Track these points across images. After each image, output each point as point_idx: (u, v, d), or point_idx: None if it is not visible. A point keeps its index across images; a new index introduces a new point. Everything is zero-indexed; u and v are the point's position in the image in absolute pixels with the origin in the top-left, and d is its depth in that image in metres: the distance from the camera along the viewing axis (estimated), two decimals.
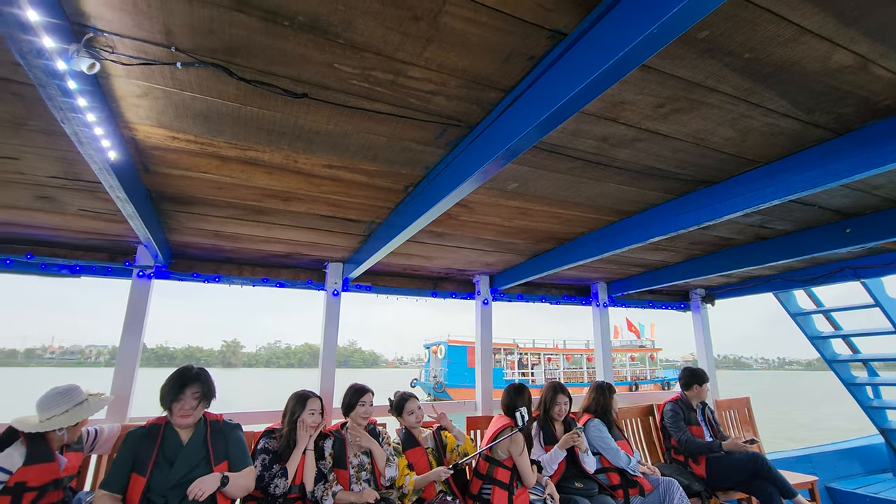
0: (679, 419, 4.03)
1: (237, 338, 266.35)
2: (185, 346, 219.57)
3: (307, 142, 1.99)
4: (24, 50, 1.16)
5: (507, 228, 3.19)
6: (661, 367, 37.72)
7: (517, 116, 1.53)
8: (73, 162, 2.21)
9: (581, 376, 31.58)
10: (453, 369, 28.87)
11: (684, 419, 4.03)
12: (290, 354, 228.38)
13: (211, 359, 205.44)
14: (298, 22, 1.30)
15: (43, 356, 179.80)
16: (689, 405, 4.14)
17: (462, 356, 29.39)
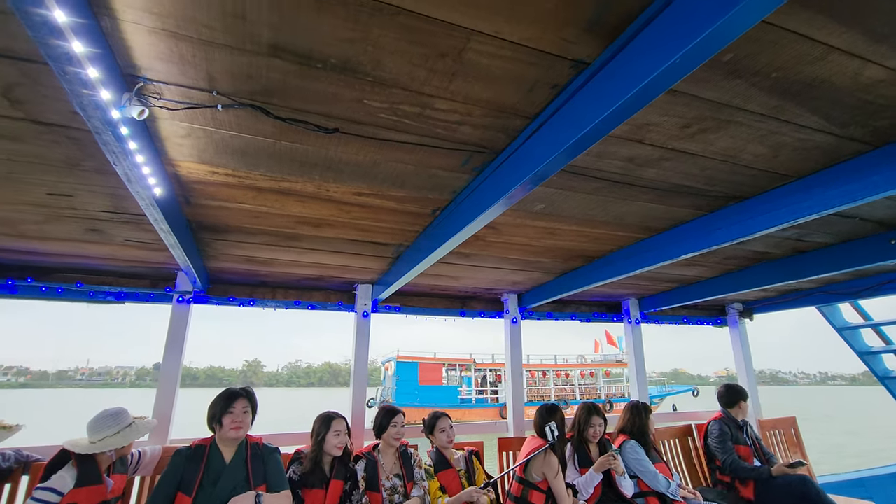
0: (727, 439, 3.84)
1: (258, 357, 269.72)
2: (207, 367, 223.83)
3: (338, 172, 2.06)
4: (84, 103, 1.26)
5: (534, 248, 3.19)
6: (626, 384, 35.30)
7: (543, 142, 1.55)
8: (121, 197, 2.35)
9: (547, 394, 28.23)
10: (402, 387, 25.83)
11: (731, 439, 3.86)
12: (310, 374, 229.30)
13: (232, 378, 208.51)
14: (330, 64, 1.37)
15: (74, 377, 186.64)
16: (736, 423, 3.97)
17: (412, 373, 26.36)
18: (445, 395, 25.54)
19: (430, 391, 25.45)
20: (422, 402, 24.46)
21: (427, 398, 24.62)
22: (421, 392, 25.30)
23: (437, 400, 24.22)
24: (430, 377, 26.09)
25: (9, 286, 3.39)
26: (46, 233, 2.83)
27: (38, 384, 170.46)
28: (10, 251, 3.18)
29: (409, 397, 25.35)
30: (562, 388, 28.61)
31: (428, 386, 25.77)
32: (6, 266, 3.42)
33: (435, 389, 25.56)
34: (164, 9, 1.18)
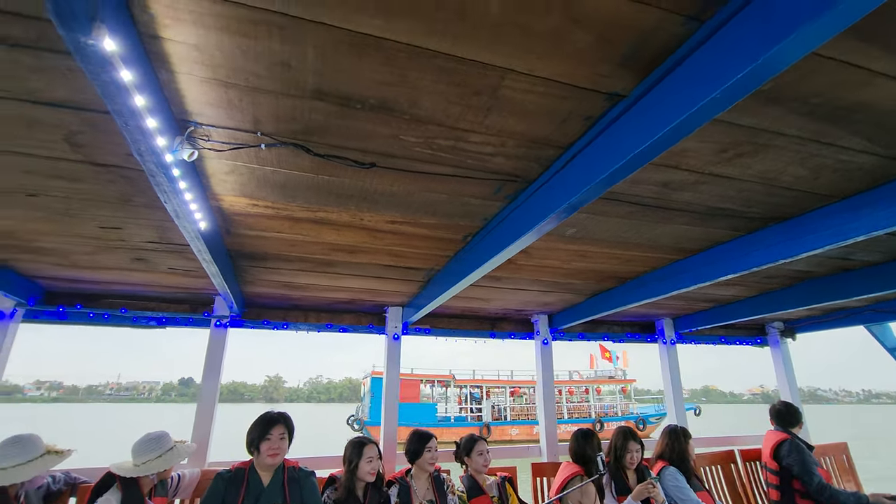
0: (809, 460, 3.50)
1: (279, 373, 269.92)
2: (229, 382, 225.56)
3: (372, 202, 2.11)
4: (141, 150, 1.35)
5: (565, 270, 3.17)
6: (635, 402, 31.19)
7: (578, 172, 1.56)
8: (166, 228, 2.46)
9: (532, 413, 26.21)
10: (377, 404, 23.80)
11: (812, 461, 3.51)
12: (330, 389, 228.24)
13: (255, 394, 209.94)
14: (369, 104, 1.43)
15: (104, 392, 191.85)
16: (807, 444, 3.66)
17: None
18: (423, 412, 23.63)
19: (406, 409, 23.49)
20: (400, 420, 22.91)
21: (403, 416, 22.91)
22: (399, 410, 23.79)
23: (413, 418, 22.42)
24: (406, 394, 23.70)
25: (60, 312, 3.57)
26: (96, 262, 2.98)
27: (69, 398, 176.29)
28: (61, 279, 3.35)
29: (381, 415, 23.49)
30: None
31: (404, 403, 23.67)
32: (57, 293, 3.60)
33: (411, 407, 23.55)
34: (216, 60, 1.26)
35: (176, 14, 1.10)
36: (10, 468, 2.24)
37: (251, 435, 2.62)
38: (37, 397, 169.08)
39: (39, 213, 2.26)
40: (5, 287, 3.08)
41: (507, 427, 23.66)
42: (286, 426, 2.68)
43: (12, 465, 2.25)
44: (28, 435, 2.44)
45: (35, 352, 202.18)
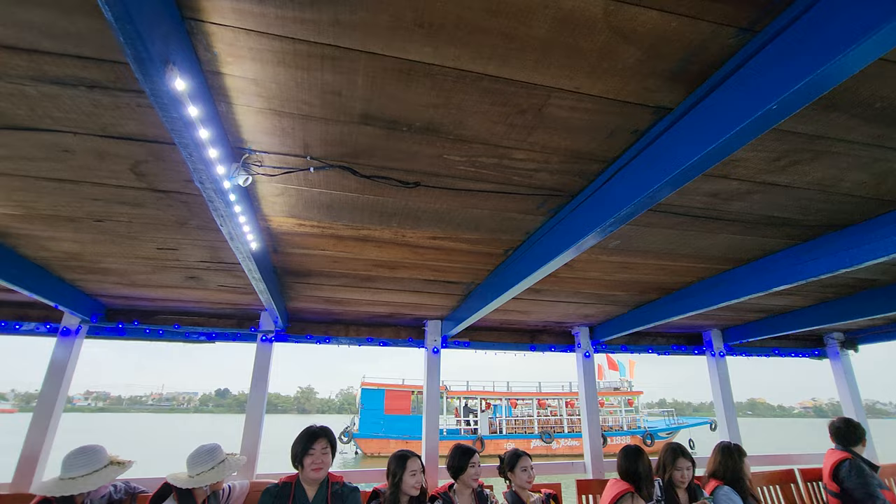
0: (872, 482, 3.28)
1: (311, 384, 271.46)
2: None
3: (415, 219, 2.14)
4: (202, 178, 1.42)
5: (607, 282, 3.11)
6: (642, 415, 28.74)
7: (624, 186, 1.54)
8: (218, 249, 2.57)
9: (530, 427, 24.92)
10: (367, 417, 23.42)
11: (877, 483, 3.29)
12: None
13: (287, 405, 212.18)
14: (415, 127, 1.46)
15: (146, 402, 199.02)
16: (871, 464, 3.44)
17: (377, 401, 23.81)
18: (413, 425, 22.66)
19: (396, 421, 22.93)
20: (387, 433, 22.21)
21: (393, 429, 22.37)
22: (386, 422, 22.78)
23: (403, 431, 22.11)
24: (396, 406, 23.52)
25: (119, 329, 3.77)
26: (152, 281, 3.14)
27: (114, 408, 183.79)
28: (120, 297, 3.55)
29: (373, 427, 22.98)
30: (546, 419, 25.28)
31: (394, 415, 23.18)
32: (117, 311, 3.81)
33: (402, 419, 23.00)
34: (271, 92, 1.32)
35: (237, 52, 1.17)
36: (80, 478, 2.37)
37: (294, 449, 2.67)
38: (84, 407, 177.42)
39: (104, 237, 2.41)
40: (72, 305, 3.28)
41: (502, 441, 22.62)
42: (328, 440, 2.70)
43: (81, 475, 2.38)
44: (94, 446, 2.57)
45: (87, 364, 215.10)
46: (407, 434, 21.75)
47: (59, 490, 2.30)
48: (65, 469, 2.42)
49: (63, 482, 2.35)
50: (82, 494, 2.43)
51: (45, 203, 2.04)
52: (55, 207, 2.08)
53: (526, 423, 25.07)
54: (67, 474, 2.38)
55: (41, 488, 2.36)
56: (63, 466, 2.43)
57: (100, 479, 2.42)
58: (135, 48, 0.90)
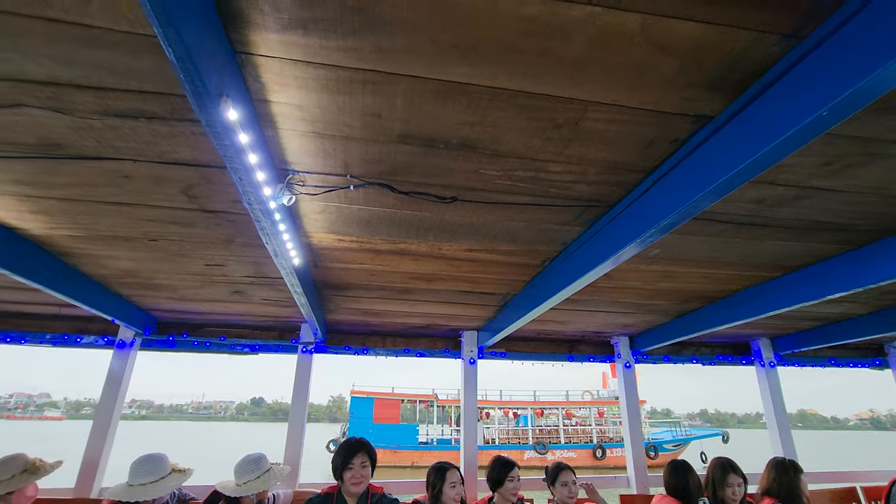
0: None
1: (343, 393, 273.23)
2: None
3: (451, 232, 2.17)
4: (250, 199, 1.49)
5: (647, 291, 3.04)
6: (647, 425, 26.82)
7: (665, 195, 1.52)
8: (262, 264, 2.67)
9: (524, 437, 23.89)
10: (356, 425, 22.99)
11: None
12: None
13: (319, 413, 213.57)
14: (452, 144, 1.49)
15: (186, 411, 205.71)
16: None
17: (367, 410, 23.35)
18: (403, 434, 22.55)
19: (385, 430, 22.43)
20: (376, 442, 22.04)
21: (382, 438, 21.73)
22: (375, 431, 22.10)
23: (392, 440, 21.75)
24: (386, 414, 23.11)
25: (170, 341, 3.95)
26: (201, 295, 3.28)
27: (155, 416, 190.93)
28: (171, 311, 3.72)
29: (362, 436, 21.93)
30: (542, 429, 24.46)
31: (383, 424, 22.72)
32: (168, 324, 4.00)
33: (391, 428, 22.58)
34: (315, 116, 1.38)
35: (283, 80, 1.23)
36: (148, 484, 2.49)
37: (335, 462, 2.66)
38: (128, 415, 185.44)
39: (158, 255, 2.55)
40: (128, 319, 3.47)
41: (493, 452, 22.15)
42: (368, 454, 2.67)
43: (149, 482, 2.50)
44: (157, 454, 2.69)
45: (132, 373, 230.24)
46: (395, 443, 21.51)
47: (128, 496, 2.42)
48: (132, 476, 2.53)
49: (132, 488, 2.46)
50: (147, 501, 2.54)
51: (105, 225, 2.18)
52: (114, 229, 2.22)
53: (520, 433, 24.27)
54: (136, 481, 2.50)
55: (112, 493, 2.49)
56: (130, 473, 2.55)
57: (165, 488, 2.53)
58: (193, 84, 0.97)
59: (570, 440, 23.97)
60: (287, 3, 1.00)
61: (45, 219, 2.12)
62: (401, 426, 23.22)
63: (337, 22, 1.04)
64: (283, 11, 1.02)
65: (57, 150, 1.58)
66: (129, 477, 2.57)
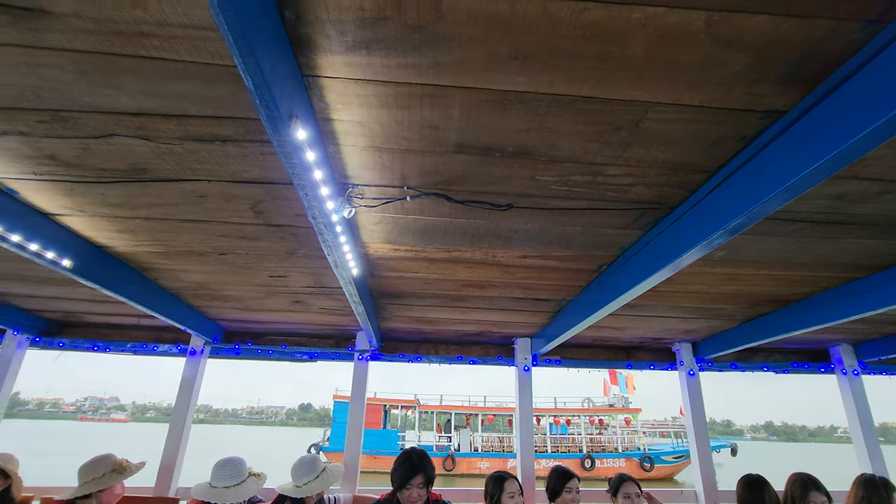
0: None
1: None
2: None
3: (505, 239, 2.17)
4: (315, 213, 1.57)
5: (712, 294, 2.90)
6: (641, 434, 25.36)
7: (733, 195, 1.45)
8: (321, 275, 2.77)
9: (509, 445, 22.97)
10: (338, 430, 22.72)
11: None
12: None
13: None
14: (508, 152, 1.50)
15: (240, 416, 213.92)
16: None
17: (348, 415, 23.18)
18: (384, 439, 22.25)
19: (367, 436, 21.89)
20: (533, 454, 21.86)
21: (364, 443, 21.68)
22: None
23: (373, 445, 21.33)
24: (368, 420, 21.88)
25: (236, 349, 4.17)
26: (264, 305, 3.45)
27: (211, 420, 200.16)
28: (237, 321, 3.93)
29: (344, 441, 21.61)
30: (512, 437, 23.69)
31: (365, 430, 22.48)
32: (234, 333, 4.22)
33: (373, 434, 22.07)
34: (374, 131, 1.43)
35: (346, 99, 1.29)
36: (232, 487, 2.63)
37: (393, 476, 2.61)
38: None
39: (226, 268, 2.71)
40: (199, 328, 3.70)
41: (475, 459, 21.16)
42: (425, 475, 2.55)
43: (231, 485, 2.64)
44: (236, 458, 2.83)
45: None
46: (376, 449, 21.22)
47: (211, 497, 2.57)
48: (214, 478, 2.68)
49: (215, 490, 2.61)
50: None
51: (182, 241, 2.34)
52: (189, 244, 2.38)
53: (504, 440, 23.50)
54: (219, 483, 2.64)
55: (197, 492, 2.64)
56: (213, 475, 2.70)
57: (243, 492, 2.65)
58: (268, 108, 1.04)
59: (558, 449, 23.14)
60: (351, 26, 1.05)
61: (130, 237, 2.30)
62: (382, 431, 23.08)
63: (398, 41, 1.08)
64: (348, 35, 1.07)
65: (142, 174, 1.73)
66: (211, 478, 2.71)
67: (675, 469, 22.19)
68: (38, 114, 1.37)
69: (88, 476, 2.67)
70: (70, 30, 1.07)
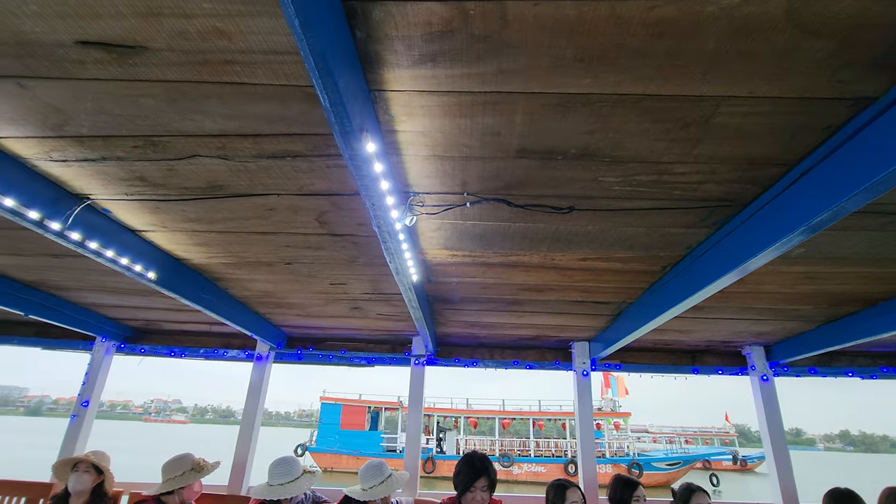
0: None
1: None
2: None
3: (565, 242, 2.14)
4: (380, 222, 1.62)
5: (787, 295, 2.72)
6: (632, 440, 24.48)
7: (817, 189, 1.37)
8: (379, 282, 2.84)
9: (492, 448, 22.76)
10: (324, 431, 23.31)
11: None
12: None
13: None
14: (570, 154, 1.48)
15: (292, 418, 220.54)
16: None
17: (334, 416, 23.55)
18: (368, 440, 22.65)
19: (351, 436, 22.73)
20: (341, 448, 22.05)
21: (347, 444, 22.21)
22: (342, 437, 22.64)
23: (357, 446, 21.91)
24: (352, 421, 23.26)
25: (298, 354, 4.34)
26: (325, 312, 3.58)
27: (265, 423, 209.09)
28: (299, 327, 4.10)
29: (329, 443, 22.73)
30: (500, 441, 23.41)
31: (349, 430, 22.99)
32: (297, 339, 4.40)
33: (357, 434, 22.81)
34: (436, 140, 1.46)
35: (410, 111, 1.32)
36: (287, 484, 2.76)
37: (456, 480, 2.62)
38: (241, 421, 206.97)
39: (291, 276, 2.83)
40: (264, 335, 3.88)
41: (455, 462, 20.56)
42: (489, 478, 2.55)
43: (286, 482, 2.77)
44: (290, 457, 2.97)
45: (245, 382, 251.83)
46: (359, 450, 21.52)
47: (269, 494, 2.71)
48: (271, 476, 2.83)
49: (272, 488, 2.75)
50: (284, 500, 2.81)
51: (252, 252, 2.48)
52: (258, 255, 2.52)
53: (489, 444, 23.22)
54: (275, 481, 2.78)
55: (256, 492, 2.79)
56: (269, 474, 2.85)
57: (298, 488, 2.78)
58: (342, 124, 1.09)
59: (541, 454, 22.55)
60: (419, 41, 1.08)
61: (205, 250, 2.47)
62: (366, 433, 23.45)
63: (463, 51, 1.11)
64: (415, 49, 1.11)
65: (219, 191, 1.85)
66: (268, 477, 2.85)
67: (669, 477, 21.08)
68: (134, 140, 1.51)
69: (171, 473, 2.86)
70: (164, 63, 1.18)
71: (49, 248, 2.49)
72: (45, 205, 1.79)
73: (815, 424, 77.24)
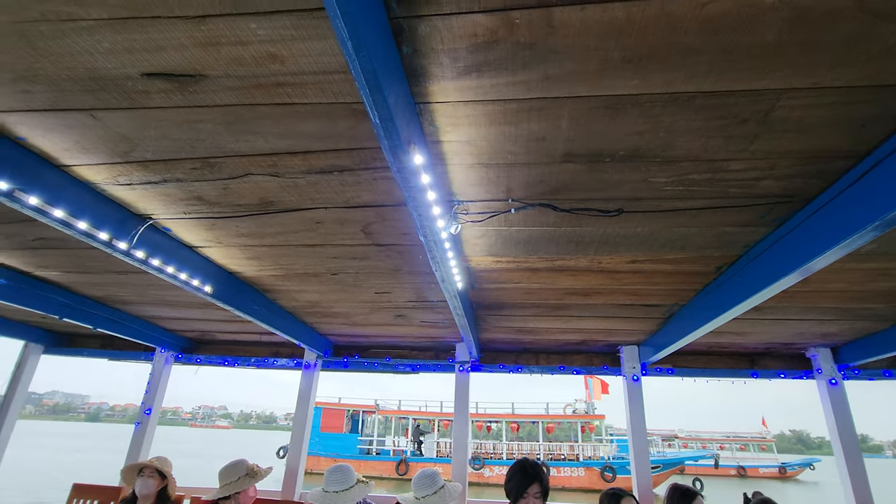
0: None
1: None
2: None
3: (612, 245, 2.09)
4: (426, 232, 1.63)
5: (856, 293, 2.55)
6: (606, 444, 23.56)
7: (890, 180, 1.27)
8: (423, 289, 2.86)
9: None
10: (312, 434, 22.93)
11: None
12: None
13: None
14: (618, 156, 1.45)
15: None
16: None
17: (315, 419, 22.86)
18: (346, 443, 23.29)
19: (330, 439, 23.18)
20: (321, 450, 22.00)
21: (326, 446, 22.52)
22: (321, 439, 22.89)
23: (335, 448, 22.44)
24: (332, 424, 23.72)
25: (344, 362, 4.43)
26: (369, 320, 3.64)
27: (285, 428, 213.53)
28: (344, 335, 4.18)
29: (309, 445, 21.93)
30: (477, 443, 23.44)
31: (329, 433, 23.40)
32: (343, 347, 4.49)
33: (335, 437, 23.36)
34: (481, 149, 1.46)
35: (455, 121, 1.33)
36: (342, 492, 2.82)
37: (508, 486, 2.58)
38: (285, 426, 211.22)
39: (337, 286, 2.90)
40: (312, 344, 3.99)
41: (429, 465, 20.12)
42: (541, 484, 2.51)
43: (341, 490, 2.82)
44: (345, 465, 3.03)
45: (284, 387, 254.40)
46: (335, 452, 22.02)
47: (323, 500, 2.77)
48: (326, 483, 2.89)
49: (327, 494, 2.81)
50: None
51: (300, 264, 2.55)
52: (306, 266, 2.59)
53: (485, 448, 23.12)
54: (331, 488, 2.84)
55: (312, 498, 2.86)
56: (325, 481, 2.91)
57: (351, 497, 2.83)
58: (391, 138, 1.11)
59: (514, 456, 22.02)
60: (464, 52, 1.09)
61: (256, 263, 2.56)
62: (344, 435, 24.00)
63: (509, 60, 1.11)
64: (460, 61, 1.11)
65: (270, 207, 1.92)
66: (323, 484, 2.92)
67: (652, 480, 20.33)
68: (192, 162, 1.59)
69: (227, 479, 2.97)
70: (221, 89, 1.24)
71: (115, 266, 2.66)
72: (113, 226, 1.91)
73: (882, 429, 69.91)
